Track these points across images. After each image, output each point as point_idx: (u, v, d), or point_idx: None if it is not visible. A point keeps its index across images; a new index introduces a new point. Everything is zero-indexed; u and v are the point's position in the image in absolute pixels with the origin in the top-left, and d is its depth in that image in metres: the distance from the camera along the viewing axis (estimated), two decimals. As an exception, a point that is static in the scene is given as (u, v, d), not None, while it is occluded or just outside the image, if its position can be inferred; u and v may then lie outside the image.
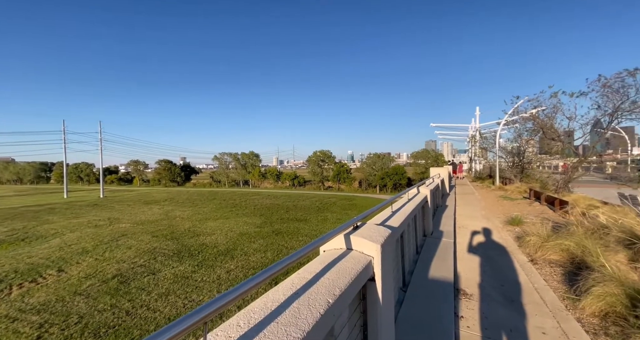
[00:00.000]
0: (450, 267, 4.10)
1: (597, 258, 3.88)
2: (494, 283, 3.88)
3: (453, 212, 8.86)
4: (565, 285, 3.70)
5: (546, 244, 4.82)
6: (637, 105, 9.86)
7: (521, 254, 5.12)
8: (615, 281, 3.10)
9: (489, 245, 5.70)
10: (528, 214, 8.55)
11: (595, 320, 2.88)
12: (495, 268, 4.43)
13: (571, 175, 11.52)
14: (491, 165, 21.99)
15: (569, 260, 4.35)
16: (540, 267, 4.45)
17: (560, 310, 3.11)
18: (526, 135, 16.56)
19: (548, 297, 3.42)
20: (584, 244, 4.35)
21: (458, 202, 11.80)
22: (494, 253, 5.18)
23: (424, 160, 75.58)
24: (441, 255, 4.64)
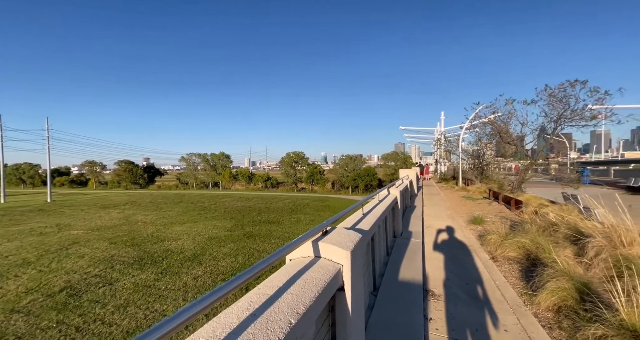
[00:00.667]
0: (419, 268, 4.14)
1: (549, 254, 4.14)
2: (459, 282, 3.97)
3: (421, 213, 9.13)
4: (523, 281, 3.90)
5: (505, 242, 5.08)
6: (576, 113, 10.92)
7: (483, 252, 5.35)
8: (566, 276, 3.30)
9: (454, 244, 5.90)
10: (488, 213, 9.07)
11: (550, 314, 3.03)
12: (460, 267, 4.56)
13: (524, 176, 12.48)
14: (455, 167, 23.26)
15: (525, 257, 4.61)
16: (500, 264, 4.67)
17: (519, 306, 3.24)
18: (485, 139, 17.74)
19: (508, 293, 3.56)
20: (537, 241, 4.64)
21: (425, 203, 12.24)
22: (459, 252, 5.36)
23: (393, 162, 78.20)
24: (410, 256, 4.69)
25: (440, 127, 28.72)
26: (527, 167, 12.63)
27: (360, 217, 3.47)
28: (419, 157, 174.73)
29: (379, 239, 4.03)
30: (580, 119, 10.80)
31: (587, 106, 10.50)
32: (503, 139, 13.98)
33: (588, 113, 10.62)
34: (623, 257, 3.49)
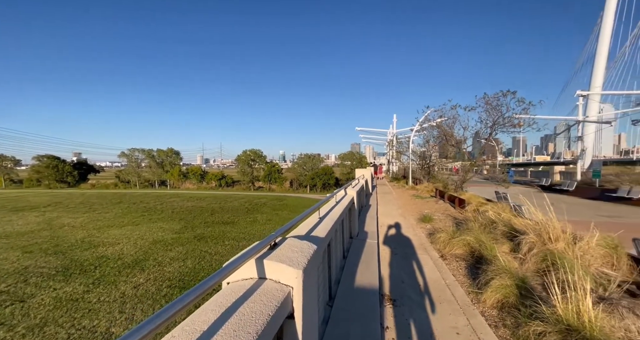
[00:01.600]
0: (375, 271, 4.04)
1: (491, 251, 4.38)
2: (413, 283, 3.97)
3: (375, 212, 9.29)
4: (469, 279, 4.04)
5: (452, 240, 5.31)
6: (507, 120, 12.26)
7: (433, 250, 5.53)
8: (507, 273, 3.47)
9: (407, 243, 6.02)
10: (436, 212, 9.60)
11: (495, 311, 3.14)
12: (413, 267, 4.61)
13: (465, 177, 13.62)
14: (405, 167, 24.61)
15: (470, 254, 4.85)
16: (449, 262, 4.83)
17: (468, 305, 3.31)
18: (432, 141, 19.05)
19: (458, 293, 3.64)
20: (480, 238, 4.91)
21: (379, 202, 12.59)
22: (412, 251, 5.46)
23: (349, 162, 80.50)
24: (366, 258, 4.60)
25: (393, 129, 30.24)
26: (468, 168, 13.83)
27: (316, 221, 3.20)
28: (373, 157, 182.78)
29: (335, 243, 3.82)
30: (510, 125, 12.16)
31: (515, 115, 11.85)
32: (448, 142, 15.13)
33: (516, 120, 12.01)
34: (550, 253, 3.81)
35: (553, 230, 4.13)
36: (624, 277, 3.68)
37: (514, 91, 11.49)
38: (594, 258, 3.84)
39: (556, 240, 3.99)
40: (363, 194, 10.67)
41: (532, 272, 3.77)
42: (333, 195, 4.96)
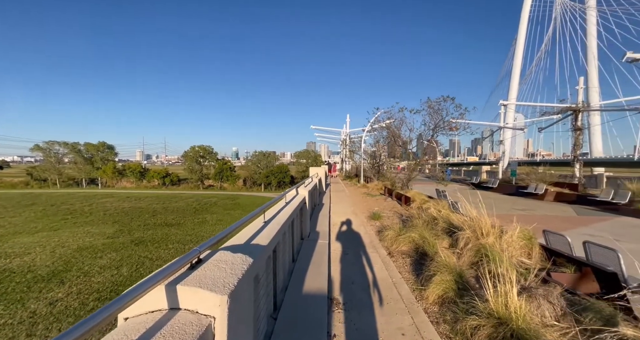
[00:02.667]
0: (325, 274, 3.90)
1: (432, 247, 4.59)
2: (362, 283, 3.93)
3: (328, 210, 9.26)
4: (414, 276, 4.16)
5: (399, 237, 5.47)
6: (447, 123, 13.39)
7: (382, 247, 5.64)
8: (447, 268, 3.62)
9: (358, 242, 6.06)
10: (384, 209, 9.98)
11: (436, 307, 3.23)
12: (363, 266, 4.60)
13: (411, 175, 14.52)
14: (357, 166, 25.43)
15: (415, 250, 5.04)
16: (396, 259, 4.95)
17: (413, 303, 3.36)
18: (382, 141, 19.96)
19: (403, 291, 3.69)
20: (423, 235, 5.14)
21: (332, 200, 12.67)
22: (362, 250, 5.48)
23: (305, 160, 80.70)
24: (317, 260, 4.44)
25: (346, 129, 31.06)
26: (413, 167, 14.78)
27: (261, 225, 2.91)
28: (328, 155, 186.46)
29: (284, 247, 3.57)
30: (449, 128, 13.32)
31: (453, 119, 13.01)
32: (396, 142, 15.98)
33: (454, 124, 13.20)
34: (482, 246, 4.12)
35: (484, 225, 4.49)
36: (537, 265, 4.15)
37: (452, 97, 12.61)
38: (515, 249, 4.28)
39: (487, 234, 4.35)
40: (316, 192, 10.58)
41: (468, 266, 4.02)
42: (283, 195, 4.70)
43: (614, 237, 6.82)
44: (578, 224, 8.33)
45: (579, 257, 3.93)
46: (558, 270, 3.82)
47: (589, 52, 51.16)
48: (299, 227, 5.38)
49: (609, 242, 6.40)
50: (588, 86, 30.70)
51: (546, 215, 9.81)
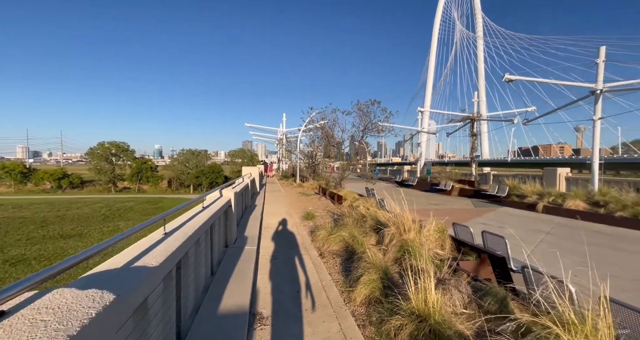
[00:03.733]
0: (249, 285, 3.46)
1: (361, 245, 4.62)
2: (291, 290, 3.64)
3: (261, 212, 8.73)
4: (343, 276, 4.08)
5: (330, 237, 5.39)
6: (374, 125, 14.26)
7: (314, 248, 5.46)
8: (374, 267, 3.63)
9: (289, 244, 5.76)
10: (318, 208, 9.95)
11: (363, 309, 3.17)
12: (293, 270, 4.32)
13: (343, 174, 15.02)
14: (294, 165, 25.25)
15: (345, 249, 5.01)
16: (327, 260, 4.82)
17: (341, 306, 3.22)
18: (317, 141, 20.24)
19: (332, 294, 3.54)
20: (353, 233, 5.16)
21: (267, 200, 12.11)
22: (293, 253, 5.20)
23: (240, 159, 76.77)
24: (242, 269, 3.96)
25: (283, 128, 30.59)
26: (346, 167, 15.33)
27: (160, 237, 2.32)
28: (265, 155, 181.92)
29: (196, 261, 3.00)
30: (376, 130, 14.25)
31: (380, 121, 13.97)
32: (330, 143, 16.34)
33: (381, 126, 14.18)
34: (405, 242, 4.31)
35: (407, 222, 4.74)
36: (449, 255, 4.55)
37: (379, 101, 13.52)
38: (431, 242, 4.63)
39: (409, 230, 4.59)
40: (248, 193, 9.89)
41: (393, 261, 4.14)
42: (201, 198, 4.05)
43: (499, 224, 8.22)
44: (475, 215, 9.81)
45: (478, 245, 4.45)
46: (465, 258, 4.25)
47: (479, 72, 62.74)
48: (222, 233, 4.77)
49: (496, 229, 7.67)
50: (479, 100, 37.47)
51: (453, 208, 11.32)
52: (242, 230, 6.12)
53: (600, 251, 5.74)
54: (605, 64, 11.24)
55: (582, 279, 3.87)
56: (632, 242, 6.42)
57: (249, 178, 11.13)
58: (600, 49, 11.44)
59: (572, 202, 9.48)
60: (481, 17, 66.22)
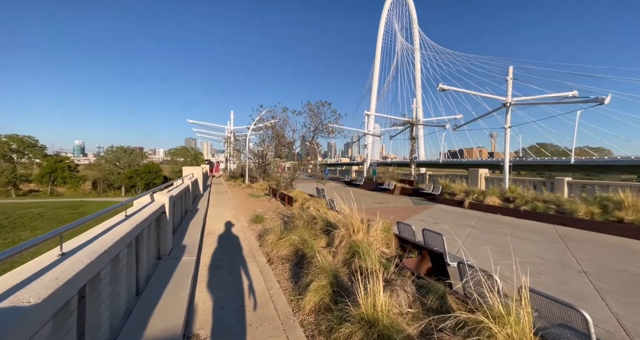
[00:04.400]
0: (184, 303, 3.01)
1: (311, 248, 4.48)
2: (233, 304, 3.29)
3: (204, 216, 7.96)
4: (293, 283, 3.88)
5: (279, 241, 5.13)
6: (325, 126, 14.37)
7: (262, 254, 5.13)
8: (324, 271, 3.51)
9: (236, 251, 5.31)
10: (268, 210, 9.55)
11: (312, 317, 3.02)
12: (238, 281, 3.95)
13: (294, 175, 14.80)
14: (242, 165, 24.06)
15: (295, 254, 4.82)
16: (276, 266, 4.56)
17: (289, 317, 3.02)
18: (268, 141, 19.59)
19: (280, 304, 3.31)
20: (303, 236, 5.00)
21: (211, 203, 11.18)
22: (239, 260, 4.79)
23: (183, 158, 70.35)
24: (177, 283, 3.44)
25: (230, 126, 28.84)
26: (297, 167, 15.13)
27: (52, 261, 1.80)
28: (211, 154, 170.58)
29: (112, 282, 2.46)
30: (327, 131, 14.39)
31: (330, 123, 14.14)
32: (280, 143, 15.95)
33: (331, 127, 14.37)
34: (354, 243, 4.32)
35: (355, 222, 4.78)
36: (395, 253, 4.73)
37: (329, 103, 13.67)
38: (378, 241, 4.75)
39: (358, 231, 4.63)
40: (189, 196, 8.96)
41: (342, 264, 4.10)
42: (124, 203, 3.40)
43: (435, 221, 9.02)
44: (414, 212, 10.62)
45: (419, 242, 4.72)
46: (408, 256, 4.46)
47: (416, 81, 69.13)
48: (153, 244, 4.13)
49: (433, 224, 8.38)
50: (417, 106, 41.27)
51: (396, 207, 12.08)
52: (180, 239, 5.44)
53: (511, 241, 6.67)
54: (512, 81, 13.31)
55: (502, 267, 4.34)
56: (532, 232, 7.65)
57: (191, 179, 10.12)
58: (509, 68, 13.51)
59: (490, 199, 10.95)
60: (418, 32, 73.24)
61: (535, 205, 9.48)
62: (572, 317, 2.15)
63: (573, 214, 8.33)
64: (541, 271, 4.72)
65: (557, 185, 12.53)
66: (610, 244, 6.47)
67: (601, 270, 4.81)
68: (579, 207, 8.37)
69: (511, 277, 2.64)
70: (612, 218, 7.62)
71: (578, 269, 4.88)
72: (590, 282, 4.32)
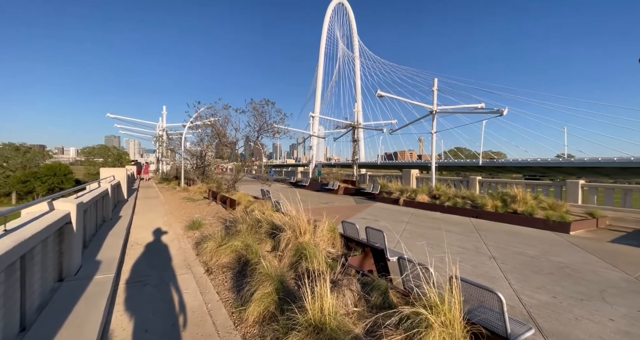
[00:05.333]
0: (94, 333, 2.44)
1: (256, 254, 4.21)
2: (163, 326, 2.82)
3: (127, 226, 6.82)
4: (235, 293, 3.56)
5: (220, 248, 4.69)
6: (270, 126, 13.93)
7: (199, 264, 4.61)
8: (269, 277, 3.30)
9: (166, 263, 4.65)
10: (207, 215, 8.74)
11: (256, 329, 2.79)
12: (168, 297, 3.43)
13: (237, 176, 13.97)
14: (178, 166, 21.74)
15: (238, 261, 4.46)
16: (215, 276, 4.13)
17: (230, 332, 2.73)
18: (207, 140, 18.09)
19: (220, 318, 2.98)
20: (247, 241, 4.67)
21: (139, 209, 9.72)
22: (170, 273, 4.20)
23: (103, 158, 60.29)
24: (82, 310, 2.78)
25: (163, 123, 25.65)
26: (239, 168, 14.30)
27: None
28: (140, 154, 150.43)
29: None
30: (272, 131, 13.98)
31: (275, 123, 13.78)
32: (222, 142, 14.88)
33: (276, 128, 14.02)
34: (301, 245, 4.21)
35: (302, 224, 4.67)
36: (340, 252, 4.79)
37: (273, 102, 13.31)
38: (324, 242, 4.74)
39: (304, 233, 4.53)
40: (108, 203, 7.60)
41: (289, 267, 3.94)
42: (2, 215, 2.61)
43: (375, 218, 9.58)
44: (357, 211, 11.12)
45: (362, 240, 4.89)
46: (352, 254, 4.56)
47: (357, 87, 73.40)
48: (51, 264, 3.30)
49: (373, 222, 8.88)
50: (358, 110, 43.71)
51: (340, 206, 12.46)
52: (94, 254, 4.51)
53: (438, 234, 7.49)
54: (437, 92, 15.15)
55: (434, 258, 4.72)
56: (454, 224, 8.76)
57: (111, 182, 8.61)
58: (434, 80, 15.34)
59: (420, 197, 12.19)
60: (357, 41, 77.96)
61: (456, 201, 10.91)
62: (489, 298, 2.45)
63: (483, 207, 9.84)
64: (462, 259, 5.37)
65: (472, 183, 14.70)
66: (510, 232, 7.82)
67: (504, 254, 5.74)
68: (487, 201, 9.94)
69: (443, 267, 2.89)
70: (510, 210, 9.26)
71: (488, 254, 5.72)
72: (498, 265, 5.10)
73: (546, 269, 4.94)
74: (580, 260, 5.42)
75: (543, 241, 6.83)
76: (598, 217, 8.46)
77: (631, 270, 4.87)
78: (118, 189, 10.42)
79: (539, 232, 7.81)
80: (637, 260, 5.44)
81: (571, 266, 5.07)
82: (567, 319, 3.29)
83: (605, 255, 5.73)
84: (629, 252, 5.94)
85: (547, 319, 3.29)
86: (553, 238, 7.14)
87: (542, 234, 7.53)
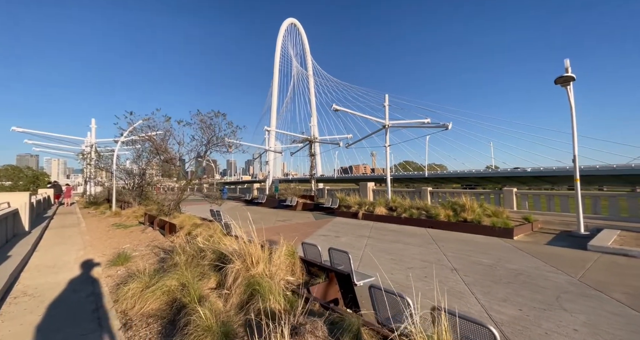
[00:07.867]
0: None
1: (193, 297, 3.34)
2: None
3: (15, 269, 5.16)
4: (160, 358, 2.64)
5: (147, 290, 3.67)
6: (220, 140, 12.69)
7: (116, 316, 3.50)
8: (210, 330, 2.52)
9: (66, 319, 3.43)
10: (139, 244, 7.28)
11: None
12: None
13: (181, 196, 12.36)
14: (109, 188, 18.73)
15: (170, 306, 3.50)
16: (137, 330, 3.13)
17: None
18: (146, 156, 15.96)
19: None
20: (184, 278, 3.75)
21: (44, 243, 7.71)
22: (67, 335, 3.05)
23: (12, 181, 49.80)
24: None
25: (92, 138, 22.05)
26: (184, 187, 12.71)
27: None
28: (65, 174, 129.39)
29: None
30: (223, 145, 12.82)
31: (226, 136, 12.66)
32: (163, 158, 13.17)
33: (228, 142, 12.90)
34: (253, 278, 3.49)
35: (255, 252, 3.94)
36: (301, 280, 4.15)
37: (224, 113, 12.26)
38: (282, 270, 4.07)
39: (257, 262, 3.81)
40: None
41: (237, 309, 3.17)
42: None
43: (335, 234, 9.14)
44: (316, 227, 10.58)
45: (325, 263, 4.34)
46: (315, 281, 3.96)
47: (311, 103, 75.24)
48: None
49: (334, 239, 8.41)
50: (313, 125, 44.25)
51: (298, 223, 11.77)
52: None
53: (400, 247, 7.35)
54: (389, 107, 15.92)
55: (399, 274, 4.34)
56: (412, 236, 8.79)
57: (5, 211, 6.66)
58: (385, 96, 16.15)
59: (378, 209, 12.22)
60: (310, 60, 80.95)
61: (412, 212, 11.14)
62: (478, 331, 2.10)
63: (437, 217, 10.17)
64: (426, 274, 5.17)
65: (424, 194, 15.43)
66: (463, 240, 8.06)
67: (464, 265, 5.73)
68: (440, 211, 10.32)
69: (409, 284, 2.48)
70: (461, 218, 9.71)
71: (450, 266, 5.65)
72: (461, 278, 5.00)
73: (504, 277, 4.99)
74: (530, 265, 5.66)
75: (494, 248, 7.12)
76: (532, 221, 9.33)
77: (572, 272, 5.19)
78: (14, 220, 8.18)
79: (488, 238, 8.22)
80: (572, 261, 5.89)
81: (524, 273, 5.22)
82: (539, 335, 3.15)
83: (547, 258, 6.11)
84: (563, 254, 6.46)
85: (521, 337, 3.11)
86: (501, 244, 7.52)
87: (491, 241, 7.92)
